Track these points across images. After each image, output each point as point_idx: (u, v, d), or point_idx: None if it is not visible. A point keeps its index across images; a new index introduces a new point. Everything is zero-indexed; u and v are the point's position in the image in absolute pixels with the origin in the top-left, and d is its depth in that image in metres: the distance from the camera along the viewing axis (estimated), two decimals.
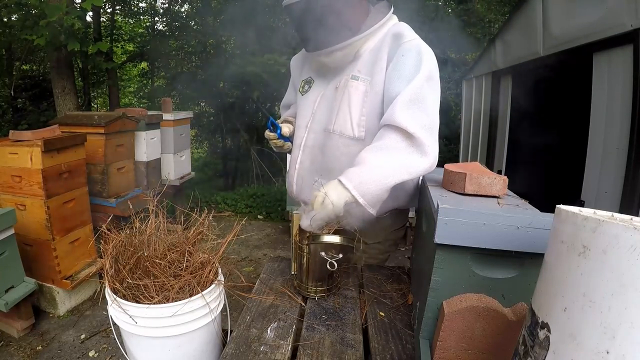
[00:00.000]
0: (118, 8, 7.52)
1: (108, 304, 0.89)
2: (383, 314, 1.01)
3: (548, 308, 0.45)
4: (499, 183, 0.87)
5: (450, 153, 6.22)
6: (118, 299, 0.85)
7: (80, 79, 6.50)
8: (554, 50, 2.64)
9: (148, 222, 0.98)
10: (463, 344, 0.69)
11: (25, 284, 2.16)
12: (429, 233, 0.82)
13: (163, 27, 7.79)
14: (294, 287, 1.11)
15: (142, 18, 8.16)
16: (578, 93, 2.40)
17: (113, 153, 2.93)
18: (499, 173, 1.15)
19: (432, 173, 1.14)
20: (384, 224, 1.32)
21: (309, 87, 1.32)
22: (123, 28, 8.36)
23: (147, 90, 8.07)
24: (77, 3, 4.54)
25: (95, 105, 8.90)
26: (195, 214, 1.05)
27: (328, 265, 0.99)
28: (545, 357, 0.44)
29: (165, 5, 7.54)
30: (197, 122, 7.42)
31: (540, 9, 2.80)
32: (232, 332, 0.94)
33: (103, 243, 0.95)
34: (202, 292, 0.87)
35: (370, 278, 1.21)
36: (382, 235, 1.34)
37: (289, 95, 1.53)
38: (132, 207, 2.87)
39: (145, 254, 0.90)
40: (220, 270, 0.97)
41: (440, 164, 1.10)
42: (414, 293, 1.04)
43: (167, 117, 3.67)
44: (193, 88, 6.99)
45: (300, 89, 1.36)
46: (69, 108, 4.10)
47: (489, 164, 3.78)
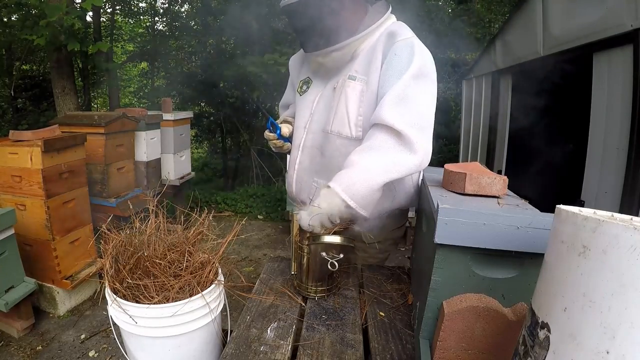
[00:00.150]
0: (118, 8, 7.52)
1: (108, 304, 0.89)
2: (383, 314, 1.01)
3: (548, 308, 0.45)
4: (499, 183, 0.87)
5: (450, 153, 6.23)
6: (118, 299, 0.85)
7: (80, 79, 6.50)
8: (554, 50, 2.64)
9: (148, 222, 0.98)
10: (463, 344, 0.69)
11: (25, 284, 2.17)
12: (429, 233, 0.82)
13: (163, 27, 7.80)
14: (294, 287, 1.11)
15: (142, 18, 8.16)
16: (578, 93, 2.41)
17: (113, 153, 2.93)
18: (499, 173, 1.15)
19: (432, 173, 1.14)
20: (383, 224, 1.32)
21: (307, 87, 1.32)
22: (123, 28, 8.37)
23: (147, 90, 8.07)
24: (77, 3, 4.54)
25: (95, 105, 8.90)
26: (195, 214, 1.05)
27: (329, 266, 0.99)
28: (545, 357, 0.44)
29: (165, 5, 7.55)
30: (197, 122, 7.42)
31: (540, 9, 2.80)
32: (232, 332, 0.94)
33: (103, 243, 0.95)
34: (202, 292, 0.87)
35: (370, 278, 1.21)
36: (381, 235, 1.34)
37: (288, 95, 1.53)
38: (132, 207, 2.88)
39: (145, 254, 0.90)
40: (220, 270, 0.97)
41: (440, 164, 1.10)
42: (414, 293, 1.04)
43: (167, 117, 3.67)
44: (193, 88, 7.00)
45: (299, 89, 1.36)
46: (69, 108, 4.09)
47: (489, 164, 3.78)
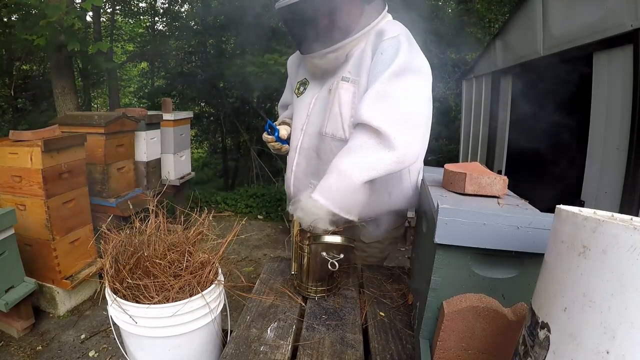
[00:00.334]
0: (118, 8, 7.53)
1: (108, 304, 0.89)
2: (383, 314, 1.01)
3: (548, 308, 0.45)
4: (499, 183, 0.87)
5: (450, 153, 6.22)
6: (118, 299, 0.85)
7: (80, 79, 6.50)
8: (554, 50, 2.64)
9: (148, 222, 0.98)
10: (463, 344, 0.69)
11: (25, 284, 2.16)
12: (429, 233, 0.82)
13: (163, 27, 7.80)
14: (294, 287, 1.11)
15: (142, 18, 8.17)
16: (578, 93, 2.41)
17: (113, 153, 2.93)
18: (499, 173, 1.16)
19: (432, 173, 1.14)
20: (381, 224, 1.32)
21: (304, 88, 1.32)
22: (123, 28, 8.38)
23: (147, 90, 8.07)
24: (77, 3, 4.54)
25: (95, 105, 8.92)
26: (195, 214, 1.05)
27: (329, 266, 0.99)
28: (545, 357, 0.44)
29: (165, 5, 7.55)
30: (197, 122, 7.42)
31: (540, 9, 2.80)
32: (232, 332, 0.94)
33: (103, 243, 0.95)
34: (202, 292, 0.87)
35: (370, 278, 1.21)
36: (380, 235, 1.34)
37: (287, 95, 1.53)
38: (132, 207, 2.87)
39: (145, 254, 0.90)
40: (220, 270, 0.97)
41: (440, 164, 1.10)
42: (414, 293, 1.04)
43: (167, 117, 3.67)
44: (193, 88, 7.00)
45: (296, 91, 1.35)
46: (69, 108, 4.09)
47: (489, 164, 3.78)
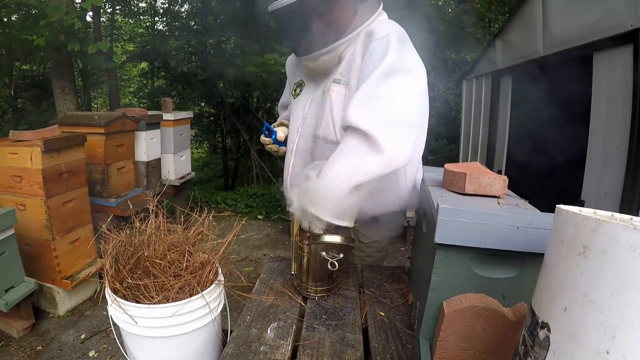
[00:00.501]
0: (118, 8, 7.54)
1: (108, 304, 0.89)
2: (383, 314, 1.01)
3: (548, 308, 0.45)
4: (499, 183, 0.87)
5: (450, 153, 6.22)
6: (118, 299, 0.85)
7: (80, 79, 6.50)
8: (554, 50, 2.64)
9: (148, 222, 0.98)
10: (463, 344, 0.69)
11: (25, 284, 2.16)
12: (429, 233, 0.82)
13: (163, 27, 7.80)
14: (294, 287, 1.11)
15: (142, 18, 8.17)
16: (578, 93, 2.41)
17: (113, 153, 2.93)
18: (499, 173, 1.15)
19: (432, 173, 1.13)
20: (380, 223, 1.32)
21: (300, 90, 1.32)
22: (123, 28, 8.38)
23: (147, 90, 8.07)
24: (77, 3, 4.54)
25: (95, 105, 8.92)
26: (195, 214, 1.05)
27: (329, 265, 0.99)
28: (545, 357, 0.44)
29: (165, 5, 7.55)
30: (197, 122, 7.42)
31: (540, 9, 2.80)
32: (232, 332, 0.94)
33: (103, 243, 0.95)
34: (202, 292, 0.87)
35: (370, 278, 1.21)
36: (378, 234, 1.34)
37: (286, 95, 1.53)
38: (132, 207, 2.87)
39: (145, 254, 0.90)
40: (220, 270, 0.97)
41: (440, 164, 1.10)
42: (414, 293, 1.04)
43: (167, 117, 3.67)
44: (193, 88, 7.00)
45: (293, 92, 1.35)
46: (69, 108, 4.09)
47: (489, 164, 3.78)
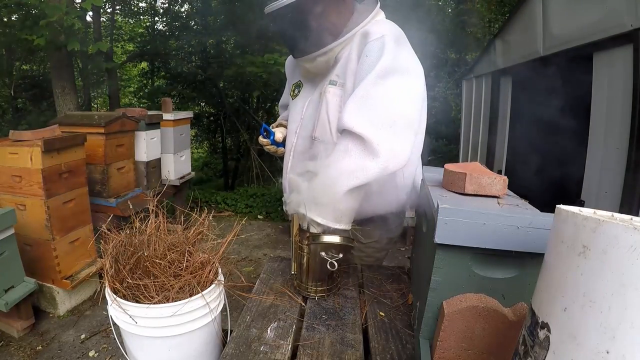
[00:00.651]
0: (118, 8, 7.53)
1: (108, 304, 0.89)
2: (383, 314, 1.01)
3: (548, 308, 0.45)
4: (499, 183, 0.87)
5: (451, 153, 6.22)
6: (118, 299, 0.85)
7: (80, 79, 6.50)
8: (554, 50, 2.64)
9: (148, 222, 0.98)
10: (463, 344, 0.69)
11: (25, 284, 2.16)
12: (429, 233, 0.82)
13: (163, 27, 7.80)
14: (294, 287, 1.11)
15: (142, 18, 8.17)
16: (578, 93, 2.41)
17: (113, 153, 2.93)
18: (499, 173, 1.15)
19: (432, 173, 1.13)
20: (379, 223, 1.32)
21: (299, 91, 1.32)
22: (123, 28, 8.37)
23: (147, 90, 8.07)
24: (77, 3, 4.54)
25: (95, 105, 8.91)
26: (195, 214, 1.05)
27: (328, 265, 0.99)
28: (545, 357, 0.44)
29: (165, 5, 7.55)
30: (197, 122, 7.42)
31: (540, 9, 2.80)
32: (232, 332, 0.94)
33: (103, 243, 0.95)
34: (202, 292, 0.87)
35: (370, 278, 1.21)
36: (377, 234, 1.34)
37: (285, 95, 1.53)
38: (132, 207, 2.88)
39: (145, 254, 0.90)
40: (220, 270, 0.97)
41: (440, 164, 1.10)
42: (414, 293, 1.04)
43: (167, 117, 3.67)
44: (193, 88, 7.00)
45: (291, 93, 1.36)
46: (69, 108, 4.09)
47: (489, 164, 3.78)
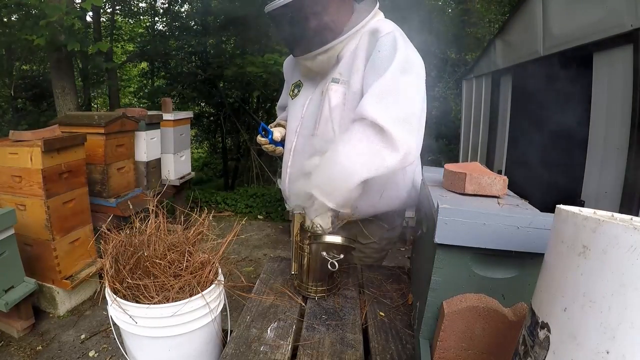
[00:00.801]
0: (118, 8, 7.53)
1: (108, 304, 0.89)
2: (383, 314, 1.01)
3: (548, 308, 0.45)
4: (499, 183, 0.87)
5: (451, 153, 6.22)
6: (118, 299, 0.85)
7: (80, 79, 6.50)
8: (554, 50, 2.64)
9: (148, 222, 0.98)
10: (463, 344, 0.69)
11: (25, 284, 2.16)
12: (429, 233, 0.82)
13: (163, 27, 7.80)
14: (294, 287, 1.11)
15: (142, 18, 8.16)
16: (578, 93, 2.41)
17: (113, 153, 2.93)
18: (499, 173, 1.15)
19: (432, 173, 1.13)
20: (379, 224, 1.32)
21: (299, 90, 1.32)
22: (123, 28, 8.36)
23: (147, 90, 8.07)
24: (77, 3, 4.54)
25: (95, 105, 8.91)
26: (195, 214, 1.05)
27: (329, 266, 0.99)
28: (545, 357, 0.44)
29: (165, 5, 7.55)
30: (197, 122, 7.42)
31: (540, 9, 2.80)
32: (232, 332, 0.94)
33: (103, 243, 0.95)
34: (202, 292, 0.87)
35: (370, 278, 1.21)
36: (377, 235, 1.34)
37: (284, 97, 1.54)
38: (132, 207, 2.87)
39: (145, 254, 0.90)
40: (220, 270, 0.97)
41: (440, 164, 1.10)
42: (414, 293, 1.04)
43: (167, 117, 3.67)
44: (193, 88, 7.00)
45: (291, 93, 1.36)
46: (69, 108, 4.09)
47: (489, 164, 3.78)
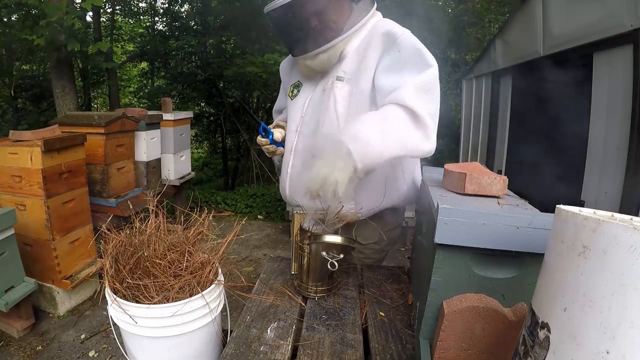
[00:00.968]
0: (118, 8, 7.53)
1: (108, 304, 0.89)
2: (383, 314, 1.01)
3: (548, 308, 0.45)
4: (499, 183, 0.87)
5: (451, 153, 6.22)
6: (118, 299, 0.85)
7: (80, 79, 6.50)
8: (554, 50, 2.64)
9: (148, 222, 0.98)
10: (463, 344, 0.69)
11: (25, 284, 2.16)
12: (429, 233, 0.82)
13: (163, 27, 7.80)
14: (294, 287, 1.11)
15: (142, 18, 8.17)
16: (578, 93, 2.41)
17: (113, 153, 2.93)
18: (499, 173, 1.16)
19: (432, 173, 1.14)
20: (378, 224, 1.32)
21: (298, 91, 1.33)
22: (123, 28, 8.37)
23: (147, 90, 8.08)
24: (77, 3, 4.54)
25: (95, 105, 8.91)
26: (195, 214, 1.05)
27: (329, 266, 0.99)
28: (545, 357, 0.44)
29: (165, 5, 7.55)
30: (197, 122, 7.42)
31: (540, 9, 2.80)
32: (232, 332, 0.94)
33: (103, 243, 0.95)
34: (202, 292, 0.87)
35: (370, 278, 1.21)
36: (377, 235, 1.34)
37: (281, 100, 1.54)
38: (132, 207, 2.87)
39: (145, 254, 0.90)
40: (220, 270, 0.97)
41: (440, 164, 1.10)
42: (414, 293, 1.04)
43: (167, 117, 3.67)
44: (193, 88, 7.00)
45: (290, 94, 1.36)
46: (69, 108, 4.09)
47: (489, 164, 3.78)
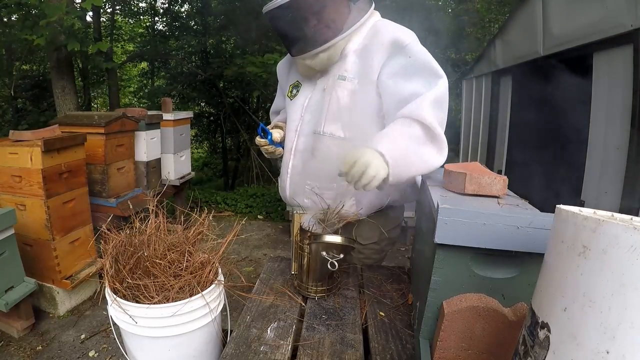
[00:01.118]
0: (118, 8, 7.53)
1: (108, 304, 0.89)
2: (383, 314, 1.01)
3: (548, 308, 0.45)
4: (499, 183, 0.87)
5: (451, 153, 6.22)
6: (118, 299, 0.85)
7: (80, 79, 6.50)
8: (554, 50, 2.64)
9: (148, 222, 0.98)
10: (463, 344, 0.69)
11: (25, 284, 2.16)
12: (429, 233, 0.82)
13: (163, 27, 7.80)
14: (294, 287, 1.11)
15: (142, 18, 8.17)
16: (578, 93, 2.42)
17: (113, 153, 2.93)
18: (499, 173, 1.16)
19: (432, 173, 1.14)
20: (378, 222, 1.32)
21: (297, 90, 1.33)
22: (123, 28, 8.37)
23: (147, 90, 8.08)
24: (77, 3, 4.54)
25: (95, 105, 8.92)
26: (195, 214, 1.05)
27: (329, 265, 0.99)
28: (545, 357, 0.44)
29: (165, 5, 7.55)
30: (197, 122, 7.42)
31: (540, 9, 2.80)
32: (232, 332, 0.94)
33: (103, 243, 0.95)
34: (202, 292, 0.87)
35: (370, 278, 1.21)
36: (377, 235, 1.34)
37: (278, 101, 1.54)
38: (132, 207, 2.87)
39: (145, 254, 0.90)
40: (220, 270, 0.97)
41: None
42: (414, 293, 1.04)
43: (167, 117, 3.66)
44: (193, 88, 7.00)
45: (289, 94, 1.36)
46: (69, 108, 4.09)
47: (489, 164, 3.78)
